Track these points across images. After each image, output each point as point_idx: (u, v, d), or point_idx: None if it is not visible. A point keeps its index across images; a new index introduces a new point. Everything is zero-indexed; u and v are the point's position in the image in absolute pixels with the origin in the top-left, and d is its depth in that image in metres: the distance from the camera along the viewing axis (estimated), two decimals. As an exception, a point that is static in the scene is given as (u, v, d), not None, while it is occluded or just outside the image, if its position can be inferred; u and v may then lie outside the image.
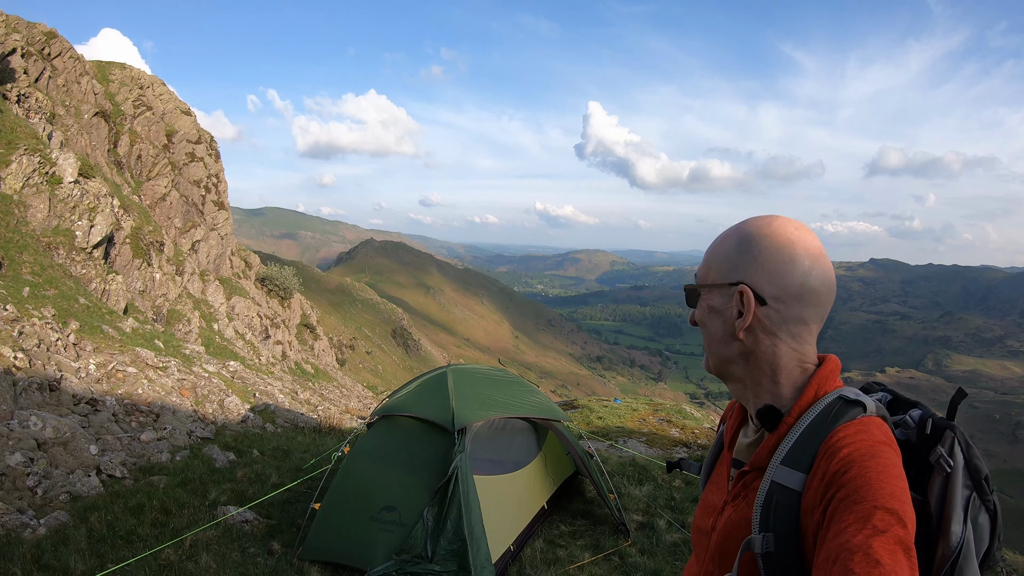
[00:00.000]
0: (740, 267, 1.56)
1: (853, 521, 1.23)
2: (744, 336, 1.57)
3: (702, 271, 1.67)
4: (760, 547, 1.40)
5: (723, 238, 1.64)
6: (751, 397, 1.63)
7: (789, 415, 1.53)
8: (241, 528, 7.28)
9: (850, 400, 1.48)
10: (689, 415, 18.46)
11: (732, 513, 1.59)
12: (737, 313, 1.57)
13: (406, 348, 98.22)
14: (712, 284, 1.62)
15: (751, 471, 1.59)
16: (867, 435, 1.39)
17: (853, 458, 1.34)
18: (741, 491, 1.59)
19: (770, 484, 1.45)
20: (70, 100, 25.73)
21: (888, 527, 1.21)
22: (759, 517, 1.43)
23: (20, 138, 18.15)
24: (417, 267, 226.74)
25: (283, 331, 36.56)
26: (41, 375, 10.29)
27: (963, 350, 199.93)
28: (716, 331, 1.62)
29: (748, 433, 1.69)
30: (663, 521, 8.53)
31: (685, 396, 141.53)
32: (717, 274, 1.61)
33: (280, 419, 14.83)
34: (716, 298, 1.61)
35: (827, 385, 1.54)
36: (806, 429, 1.46)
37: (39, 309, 13.48)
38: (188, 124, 35.27)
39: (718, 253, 1.63)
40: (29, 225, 16.96)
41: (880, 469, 1.31)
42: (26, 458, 7.84)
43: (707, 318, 1.64)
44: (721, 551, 1.59)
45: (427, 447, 6.97)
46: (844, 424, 1.44)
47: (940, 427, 1.49)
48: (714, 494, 1.77)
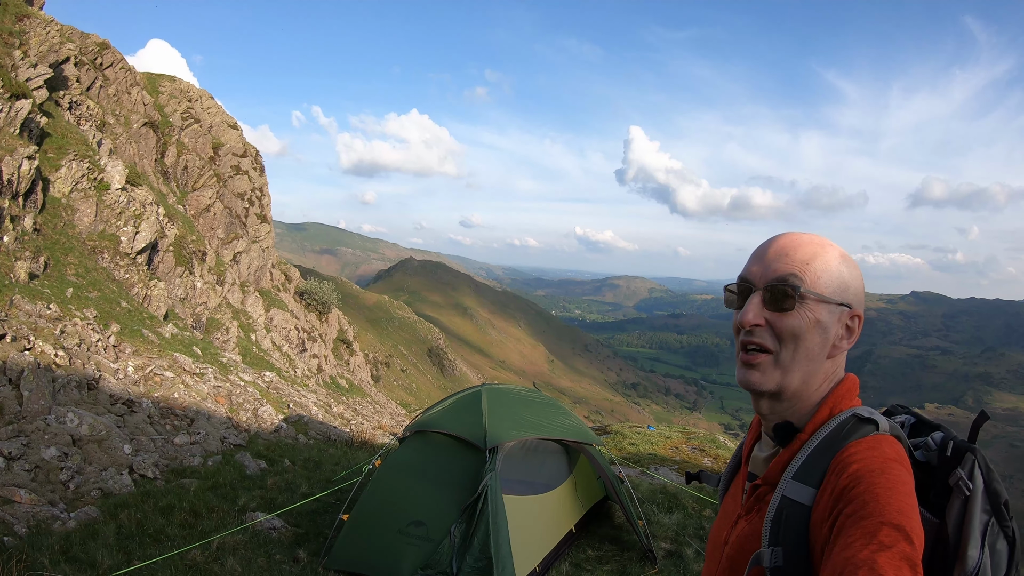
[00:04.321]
0: (851, 288, 1.55)
1: (859, 536, 1.23)
2: (831, 360, 1.56)
3: (806, 275, 1.53)
4: (769, 561, 1.40)
5: (822, 248, 1.57)
6: (780, 412, 1.59)
7: (803, 431, 1.54)
8: (268, 535, 7.29)
9: (863, 418, 1.48)
10: (722, 444, 18.20)
11: (744, 526, 1.59)
12: (840, 335, 1.56)
13: (441, 368, 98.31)
14: (825, 298, 1.52)
15: (764, 485, 1.60)
16: (878, 452, 1.39)
17: (862, 474, 1.34)
18: (754, 505, 1.60)
19: (781, 498, 1.45)
20: (120, 110, 26.30)
21: (894, 543, 1.20)
22: (769, 531, 1.43)
23: (70, 144, 18.56)
24: (455, 288, 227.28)
25: (320, 345, 36.80)
26: (80, 374, 10.43)
27: (1005, 387, 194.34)
28: (814, 347, 1.53)
29: (763, 448, 1.69)
30: (691, 550, 8.36)
31: (719, 426, 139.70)
32: (830, 288, 1.53)
33: (313, 431, 14.88)
34: (826, 313, 1.53)
35: (843, 403, 1.55)
36: (819, 445, 1.47)
37: (81, 310, 13.71)
38: (234, 137, 35.86)
39: (829, 265, 1.55)
40: (76, 228, 17.30)
41: (889, 485, 1.31)
42: (61, 453, 7.95)
43: (808, 330, 1.52)
44: (732, 564, 1.59)
45: (458, 464, 6.95)
46: (856, 440, 1.44)
47: (961, 449, 1.48)
48: (730, 507, 1.77)
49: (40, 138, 17.27)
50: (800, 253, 1.55)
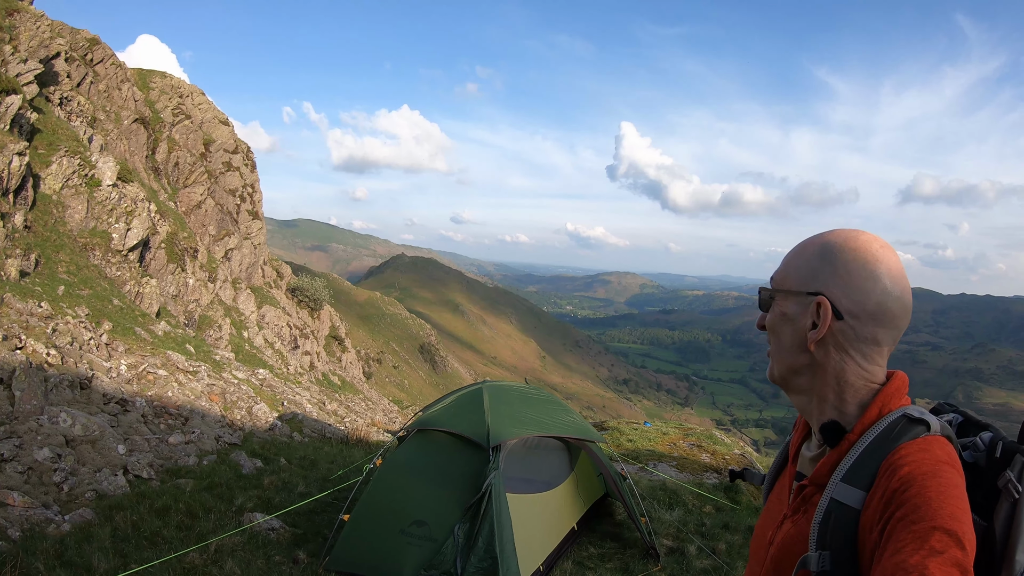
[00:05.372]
0: (821, 277, 1.52)
1: (911, 541, 1.21)
2: (815, 348, 1.53)
3: (779, 275, 1.61)
4: (816, 565, 1.37)
5: (805, 245, 1.60)
6: (815, 411, 1.59)
7: (852, 432, 1.49)
8: (267, 536, 7.19)
9: (914, 418, 1.44)
10: (720, 441, 18.16)
11: (790, 528, 1.56)
12: (811, 324, 1.52)
13: (432, 364, 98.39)
14: (789, 290, 1.57)
15: (811, 486, 1.55)
16: (929, 454, 1.36)
17: (914, 476, 1.31)
18: (801, 505, 1.56)
19: (829, 501, 1.42)
20: (111, 105, 26.11)
21: (946, 548, 1.18)
22: (816, 534, 1.40)
23: (61, 140, 18.40)
24: (446, 284, 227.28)
25: (312, 342, 36.70)
26: (73, 373, 10.29)
27: (995, 383, 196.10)
28: (786, 339, 1.57)
29: (811, 447, 1.66)
30: (693, 547, 8.32)
31: (711, 422, 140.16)
32: (795, 281, 1.56)
33: (307, 429, 14.78)
34: (791, 305, 1.56)
35: (892, 403, 1.50)
36: (868, 446, 1.43)
37: (73, 308, 13.56)
38: (225, 134, 35.68)
39: (799, 259, 1.58)
40: (67, 225, 17.14)
41: (941, 489, 1.27)
42: (54, 454, 7.82)
43: (779, 324, 1.59)
44: (776, 566, 1.56)
45: (460, 463, 6.88)
46: (907, 442, 1.40)
47: (1010, 451, 1.43)
48: (775, 506, 1.74)
49: (30, 134, 17.10)
50: (789, 253, 1.63)
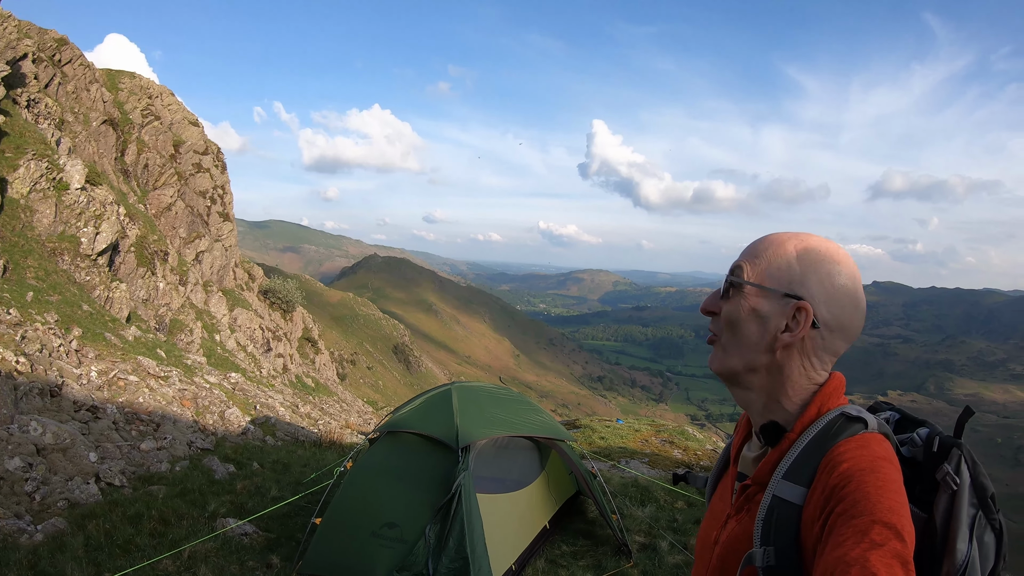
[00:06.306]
0: (805, 283, 1.53)
1: (851, 534, 1.24)
2: (780, 351, 1.54)
3: (753, 270, 1.59)
4: (761, 561, 1.39)
5: (780, 243, 1.59)
6: (759, 409, 1.61)
7: (792, 430, 1.53)
8: (240, 541, 7.21)
9: (852, 416, 1.48)
10: (692, 436, 18.37)
11: (735, 527, 1.58)
12: (784, 327, 1.53)
13: (407, 365, 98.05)
14: (768, 288, 1.56)
15: (753, 485, 1.58)
16: (867, 450, 1.39)
17: (852, 472, 1.34)
18: (744, 505, 1.59)
19: (771, 498, 1.45)
20: (79, 107, 25.78)
21: (886, 541, 1.21)
22: (760, 531, 1.43)
23: (28, 143, 18.16)
24: (419, 284, 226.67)
25: (285, 344, 36.47)
26: (42, 380, 10.23)
27: (965, 374, 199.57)
28: (751, 336, 1.56)
29: (752, 448, 1.68)
30: (665, 543, 8.43)
31: (686, 417, 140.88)
32: (775, 279, 1.56)
33: (280, 432, 14.76)
34: (765, 303, 1.55)
35: (831, 402, 1.54)
36: (808, 444, 1.47)
37: (42, 314, 13.44)
38: (195, 135, 35.32)
39: (778, 257, 1.57)
40: (35, 230, 16.95)
41: (879, 484, 1.31)
42: (25, 463, 7.77)
43: (744, 319, 1.57)
44: (723, 564, 1.58)
45: (430, 464, 6.92)
46: (845, 440, 1.44)
47: (947, 445, 1.48)
48: (719, 506, 1.76)
49: (-4, 138, 16.90)
50: (760, 246, 1.61)
